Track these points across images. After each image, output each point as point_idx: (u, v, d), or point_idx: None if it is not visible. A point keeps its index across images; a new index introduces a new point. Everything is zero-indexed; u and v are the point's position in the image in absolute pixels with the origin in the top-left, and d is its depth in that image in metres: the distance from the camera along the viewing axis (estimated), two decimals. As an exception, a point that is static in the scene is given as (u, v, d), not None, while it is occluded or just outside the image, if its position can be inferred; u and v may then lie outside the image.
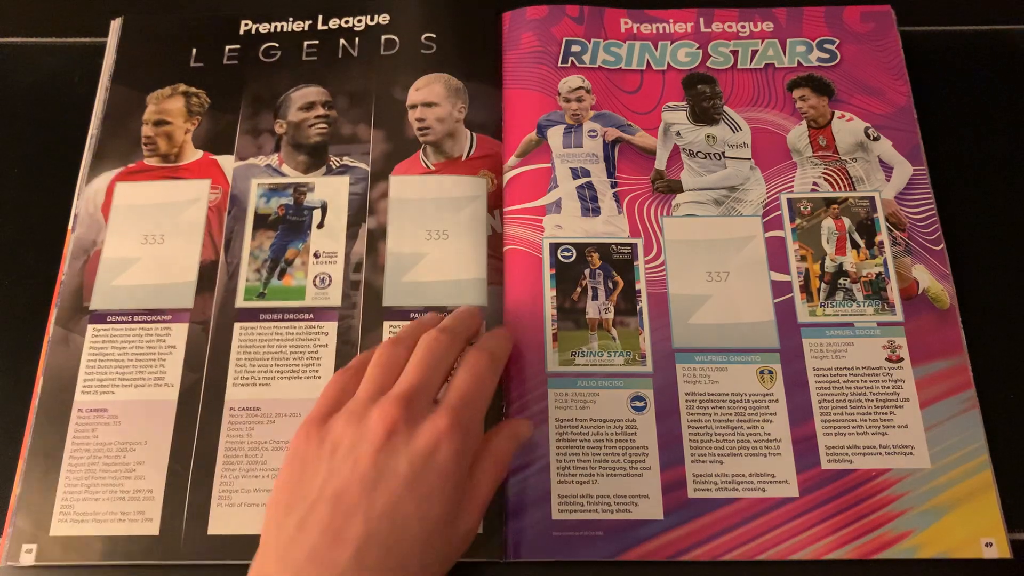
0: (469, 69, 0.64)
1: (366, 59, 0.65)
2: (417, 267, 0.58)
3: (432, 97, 0.63)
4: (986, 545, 0.49)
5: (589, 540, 0.50)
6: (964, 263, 0.57)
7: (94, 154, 0.62)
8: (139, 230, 0.59)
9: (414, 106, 0.63)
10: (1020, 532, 0.50)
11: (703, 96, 0.63)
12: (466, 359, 0.47)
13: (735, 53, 0.64)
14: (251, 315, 0.56)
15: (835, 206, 0.59)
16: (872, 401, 0.53)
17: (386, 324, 0.56)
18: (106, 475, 0.52)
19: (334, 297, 0.57)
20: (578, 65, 0.64)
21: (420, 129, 0.62)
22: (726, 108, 0.62)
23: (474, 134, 0.62)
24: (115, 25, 0.66)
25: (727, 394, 0.54)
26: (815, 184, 0.60)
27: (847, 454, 0.52)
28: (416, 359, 0.46)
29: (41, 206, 0.62)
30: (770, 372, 0.54)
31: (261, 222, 0.59)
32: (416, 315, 0.56)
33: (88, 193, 0.60)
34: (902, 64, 0.63)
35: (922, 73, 0.64)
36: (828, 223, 0.58)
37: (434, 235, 0.58)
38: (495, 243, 0.58)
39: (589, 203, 0.59)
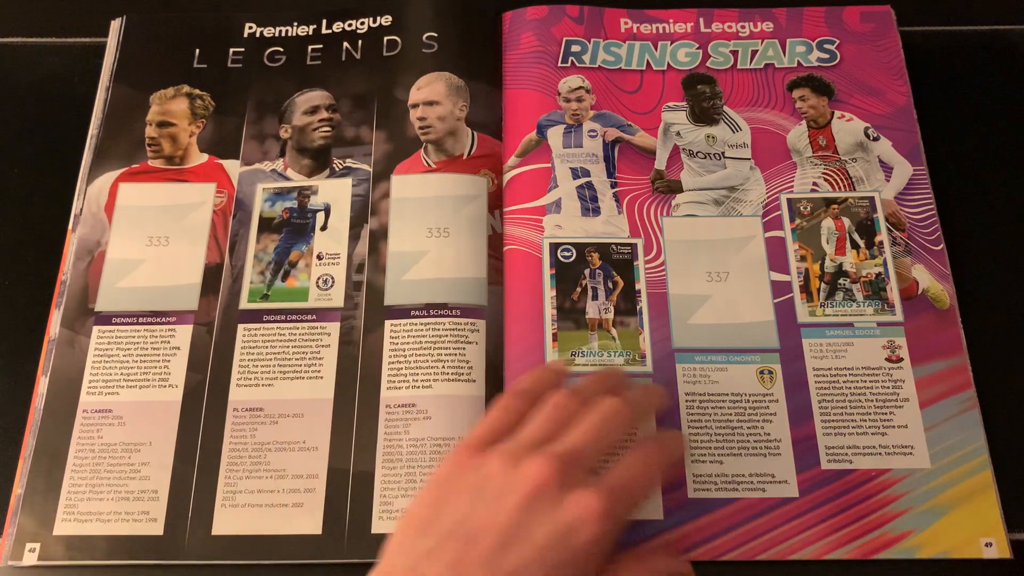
0: (470, 69, 0.64)
1: (369, 61, 0.65)
2: (418, 265, 0.58)
3: (433, 95, 0.63)
4: (986, 545, 0.49)
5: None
6: (964, 263, 0.58)
7: (96, 154, 0.62)
8: (144, 232, 0.59)
9: (415, 105, 0.63)
10: (1020, 532, 0.50)
11: (703, 96, 0.63)
12: (643, 445, 0.45)
13: (735, 53, 0.64)
14: (255, 317, 0.57)
15: (835, 206, 0.59)
16: (872, 401, 0.53)
17: (387, 323, 0.56)
18: (110, 475, 0.52)
19: (336, 298, 0.57)
20: (578, 65, 0.64)
21: (421, 128, 0.62)
22: (726, 108, 0.62)
23: (475, 133, 0.62)
24: (115, 25, 0.66)
25: (727, 394, 0.54)
26: (815, 184, 0.60)
27: (847, 454, 0.52)
28: (591, 421, 0.44)
29: (41, 206, 0.62)
30: (770, 372, 0.54)
31: (265, 225, 0.60)
32: (417, 312, 0.56)
33: (91, 193, 0.60)
34: (902, 64, 0.63)
35: (922, 73, 0.64)
36: (828, 223, 0.58)
37: (435, 233, 0.58)
38: (495, 243, 0.59)
39: (589, 203, 0.59)
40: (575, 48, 0.64)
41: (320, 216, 0.60)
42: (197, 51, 0.66)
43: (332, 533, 0.51)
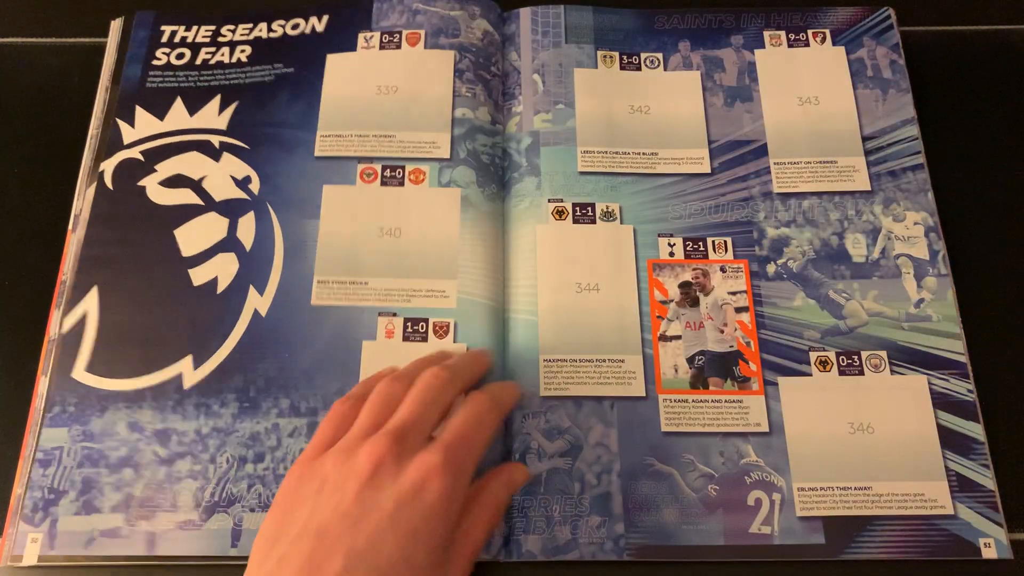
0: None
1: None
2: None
3: None
4: (986, 545, 0.49)
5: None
6: (964, 263, 0.58)
7: (97, 155, 0.61)
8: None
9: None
10: (1020, 532, 0.50)
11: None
12: (468, 399, 0.46)
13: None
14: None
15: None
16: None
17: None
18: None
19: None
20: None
21: None
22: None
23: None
24: (115, 25, 0.66)
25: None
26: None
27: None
28: (413, 394, 0.45)
29: (41, 206, 0.62)
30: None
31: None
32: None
33: (92, 195, 0.60)
34: (902, 64, 0.63)
35: (922, 73, 0.64)
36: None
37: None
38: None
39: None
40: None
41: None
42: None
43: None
